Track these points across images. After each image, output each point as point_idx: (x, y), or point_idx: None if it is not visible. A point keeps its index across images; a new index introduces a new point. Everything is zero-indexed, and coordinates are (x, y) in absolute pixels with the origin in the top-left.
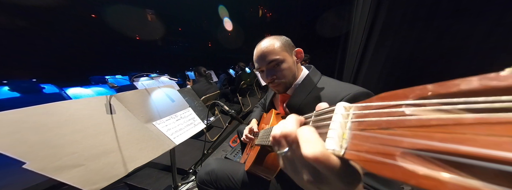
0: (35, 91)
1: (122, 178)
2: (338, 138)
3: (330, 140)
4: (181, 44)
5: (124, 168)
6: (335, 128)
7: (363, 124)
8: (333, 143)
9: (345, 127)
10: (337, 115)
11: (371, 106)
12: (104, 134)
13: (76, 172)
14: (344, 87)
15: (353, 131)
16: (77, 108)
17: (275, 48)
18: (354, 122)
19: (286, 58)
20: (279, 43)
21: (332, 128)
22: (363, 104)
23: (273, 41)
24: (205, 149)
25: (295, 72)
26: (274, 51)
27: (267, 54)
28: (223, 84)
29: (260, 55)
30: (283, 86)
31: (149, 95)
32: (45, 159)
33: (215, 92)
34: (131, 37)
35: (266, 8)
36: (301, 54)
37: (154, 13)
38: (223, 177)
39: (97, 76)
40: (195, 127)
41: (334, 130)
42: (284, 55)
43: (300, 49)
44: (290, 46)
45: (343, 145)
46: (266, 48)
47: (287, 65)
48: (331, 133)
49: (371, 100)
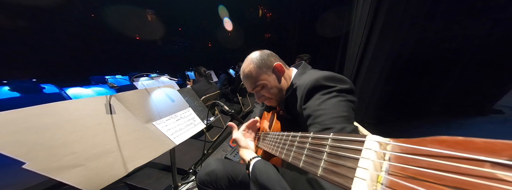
0: (35, 91)
1: (122, 178)
2: (371, 181)
3: (360, 182)
4: (181, 44)
5: (124, 168)
6: (368, 167)
7: (410, 171)
8: (365, 186)
9: (380, 169)
10: (370, 152)
11: (424, 151)
12: (104, 134)
13: (76, 172)
14: (312, 74)
15: (393, 177)
16: (77, 108)
17: (252, 75)
18: (394, 165)
19: (266, 80)
20: (254, 67)
21: (362, 167)
22: (408, 144)
23: (249, 67)
24: (205, 149)
25: (282, 87)
26: (252, 78)
27: (247, 82)
28: (223, 84)
29: (244, 81)
30: (275, 102)
31: (149, 95)
32: (45, 159)
33: (215, 92)
34: (131, 37)
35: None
36: (281, 68)
37: (154, 13)
38: (223, 177)
39: (97, 76)
40: (195, 127)
41: (366, 170)
42: (263, 78)
43: (278, 64)
44: (266, 65)
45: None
46: (245, 76)
47: (270, 86)
48: (361, 172)
49: (423, 142)
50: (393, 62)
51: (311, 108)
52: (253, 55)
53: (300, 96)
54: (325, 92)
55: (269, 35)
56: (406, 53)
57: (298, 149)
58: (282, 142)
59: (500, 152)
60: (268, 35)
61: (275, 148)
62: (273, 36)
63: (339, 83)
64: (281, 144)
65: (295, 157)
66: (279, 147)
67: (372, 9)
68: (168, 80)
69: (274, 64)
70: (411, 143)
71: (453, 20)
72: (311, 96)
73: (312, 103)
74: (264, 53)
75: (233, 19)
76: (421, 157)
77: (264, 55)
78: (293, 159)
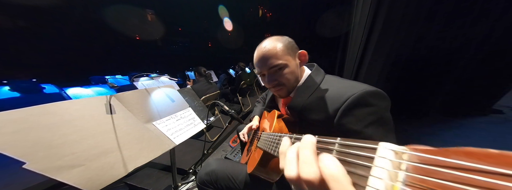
0: (35, 91)
1: (122, 178)
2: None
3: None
4: (181, 44)
5: (124, 168)
6: (382, 177)
7: (431, 184)
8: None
9: (396, 179)
10: (384, 161)
11: (447, 162)
12: (104, 134)
13: (76, 172)
14: (348, 86)
15: (411, 188)
16: (77, 108)
17: (277, 52)
18: (411, 176)
19: (289, 63)
20: (282, 46)
21: (376, 176)
22: (430, 155)
23: (275, 44)
24: (205, 149)
25: (298, 76)
26: (276, 56)
27: (268, 58)
28: (223, 84)
29: (261, 58)
30: (285, 91)
31: (149, 95)
32: (45, 159)
33: (215, 92)
34: (131, 37)
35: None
36: (305, 56)
37: (154, 13)
38: (223, 177)
39: (97, 76)
40: (195, 127)
41: (379, 180)
42: (287, 59)
43: (304, 51)
44: (293, 48)
45: None
46: (268, 52)
47: (290, 70)
48: (375, 182)
49: (446, 153)
50: (393, 62)
51: (353, 127)
52: (278, 36)
53: (335, 107)
54: (370, 111)
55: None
56: (406, 53)
57: None
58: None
59: None
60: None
61: (277, 150)
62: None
63: (383, 100)
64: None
65: None
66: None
67: (372, 9)
68: (168, 80)
69: (299, 50)
70: (432, 153)
71: (453, 20)
72: (352, 111)
73: (354, 120)
74: (289, 38)
75: (233, 19)
76: (444, 169)
77: (291, 40)
78: None
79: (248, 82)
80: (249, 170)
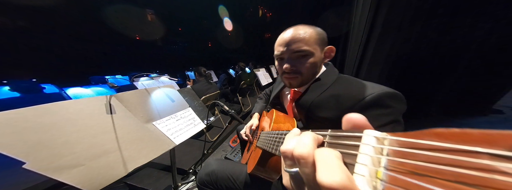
0: (35, 91)
1: (122, 178)
2: (371, 177)
3: (359, 178)
4: (181, 44)
5: (124, 168)
6: (366, 163)
7: (409, 166)
8: (364, 183)
9: (379, 164)
10: (367, 147)
11: (421, 144)
12: (104, 134)
13: (76, 172)
14: (366, 85)
15: (392, 172)
16: (77, 108)
17: (309, 38)
18: (392, 159)
19: (316, 53)
20: (315, 34)
21: (361, 162)
22: (405, 138)
23: (309, 30)
24: (205, 149)
25: (317, 70)
26: (306, 41)
27: (296, 41)
28: (223, 84)
29: (288, 40)
30: (299, 82)
31: (149, 95)
32: (45, 159)
33: (215, 92)
34: (131, 37)
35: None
36: (332, 53)
37: (154, 13)
38: (223, 178)
39: (97, 76)
40: (195, 127)
41: (363, 166)
42: (315, 48)
43: (333, 47)
44: (324, 41)
45: (378, 186)
46: (299, 35)
47: (313, 61)
48: (360, 168)
49: (420, 135)
50: (393, 62)
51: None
52: (313, 26)
53: (349, 106)
54: (386, 113)
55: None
56: (406, 53)
57: None
58: (281, 141)
59: (498, 142)
60: (268, 35)
61: (274, 147)
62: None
63: (400, 103)
64: (281, 142)
65: None
66: (278, 145)
67: (372, 9)
68: (168, 80)
69: (329, 46)
70: (408, 136)
71: (453, 20)
72: (368, 111)
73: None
74: (322, 30)
75: (233, 19)
76: (418, 150)
77: (324, 32)
78: None
79: (248, 82)
80: (249, 170)
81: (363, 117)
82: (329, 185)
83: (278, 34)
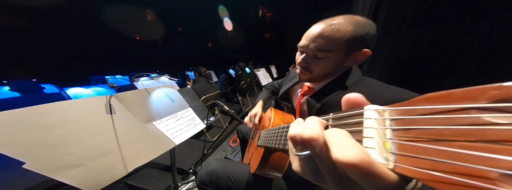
0: (35, 91)
1: (122, 178)
2: (380, 149)
3: (371, 151)
4: (181, 44)
5: (124, 168)
6: (373, 136)
7: (412, 133)
8: (376, 154)
9: (384, 136)
10: (371, 121)
11: (416, 110)
12: (104, 134)
13: (76, 172)
14: (388, 89)
15: (399, 141)
16: (77, 108)
17: (334, 35)
18: (396, 129)
19: (334, 54)
20: (349, 31)
21: (368, 136)
22: (403, 107)
23: (342, 26)
24: (205, 149)
25: (331, 73)
26: (327, 38)
27: (314, 37)
28: (223, 84)
29: (314, 35)
30: (307, 78)
31: (149, 95)
32: (45, 159)
33: (215, 92)
34: (131, 37)
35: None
36: (362, 57)
37: (154, 13)
38: (223, 177)
39: (97, 76)
40: (195, 127)
41: (371, 139)
42: (336, 48)
43: (367, 51)
44: (359, 41)
45: (389, 157)
46: (323, 30)
47: (328, 63)
48: (368, 142)
49: (413, 102)
50: (393, 62)
51: None
52: (361, 18)
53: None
54: None
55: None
56: (406, 53)
57: None
58: (284, 133)
59: (478, 97)
60: (268, 35)
61: (277, 141)
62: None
63: None
64: (284, 135)
65: None
66: (282, 138)
67: (372, 9)
68: (168, 80)
69: (364, 49)
70: (403, 105)
71: (453, 20)
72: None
73: None
74: (374, 28)
75: (233, 19)
76: (416, 116)
77: (372, 30)
78: None
79: (248, 82)
80: (252, 170)
81: (361, 95)
82: (348, 160)
83: (278, 34)
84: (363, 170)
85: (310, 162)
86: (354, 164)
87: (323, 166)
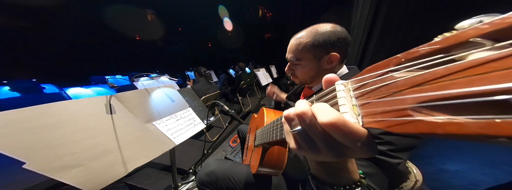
0: (35, 91)
1: (122, 178)
2: (351, 111)
3: (345, 114)
4: (181, 44)
5: (124, 168)
6: (344, 103)
7: (366, 95)
8: (349, 116)
9: (351, 101)
10: (341, 92)
11: (364, 78)
12: (104, 134)
13: (76, 172)
14: None
15: (360, 102)
16: (77, 108)
17: (298, 47)
18: (356, 94)
19: (305, 61)
20: (309, 42)
21: (341, 104)
22: (357, 77)
23: (302, 39)
24: (205, 149)
25: (314, 75)
26: (295, 50)
27: (289, 50)
28: (223, 84)
29: (288, 47)
30: (298, 82)
31: (149, 95)
32: (45, 159)
33: (215, 92)
34: (131, 37)
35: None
36: (333, 58)
37: (154, 13)
38: (223, 178)
39: (97, 76)
40: (195, 127)
41: (344, 105)
42: (304, 57)
43: (335, 55)
44: (322, 47)
45: (358, 117)
46: (291, 44)
47: (303, 68)
48: (343, 108)
49: (362, 73)
50: None
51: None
52: (322, 28)
53: None
54: None
55: (269, 35)
56: None
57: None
58: (280, 124)
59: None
60: (268, 35)
61: (275, 133)
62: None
63: None
64: (280, 125)
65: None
66: (278, 129)
67: (372, 9)
68: (168, 80)
69: (331, 52)
70: (356, 76)
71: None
72: None
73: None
74: (337, 33)
75: (233, 19)
76: (365, 81)
77: (333, 36)
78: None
79: (248, 82)
80: (253, 170)
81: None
82: (328, 121)
83: (278, 34)
84: (341, 128)
85: (304, 135)
86: (333, 123)
87: (314, 134)
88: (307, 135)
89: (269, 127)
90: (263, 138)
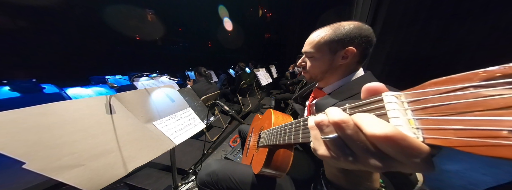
0: (35, 91)
1: (122, 178)
2: (407, 126)
3: (400, 129)
4: (181, 44)
5: (124, 168)
6: (398, 116)
7: (430, 110)
8: (407, 131)
9: (406, 114)
10: (392, 104)
11: (428, 92)
12: (104, 134)
13: (76, 172)
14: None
15: (419, 116)
16: (77, 108)
17: (315, 39)
18: (414, 109)
19: (319, 53)
20: (327, 34)
21: (393, 116)
22: (415, 91)
23: (323, 33)
24: (205, 149)
25: (326, 70)
26: (311, 42)
27: (306, 43)
28: (223, 84)
29: (307, 40)
30: (308, 77)
31: (149, 95)
32: (45, 159)
33: (215, 92)
34: (131, 37)
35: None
36: (348, 53)
37: (154, 13)
38: (224, 178)
39: (97, 76)
40: (195, 127)
41: (397, 118)
42: (320, 49)
43: (351, 48)
44: (340, 41)
45: (416, 132)
46: (310, 38)
47: (316, 62)
48: (395, 121)
49: (423, 86)
50: (393, 62)
51: None
52: (346, 23)
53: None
54: None
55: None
56: (406, 53)
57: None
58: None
59: (473, 78)
60: (268, 35)
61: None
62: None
63: None
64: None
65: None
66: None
67: (372, 9)
68: (168, 80)
69: (348, 47)
70: (415, 89)
71: (453, 20)
72: None
73: None
74: (360, 30)
75: (233, 19)
76: (428, 96)
77: (354, 32)
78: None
79: (248, 83)
80: (255, 171)
81: (381, 84)
82: (384, 134)
83: (278, 34)
84: (399, 142)
85: (339, 143)
86: (390, 136)
87: (355, 144)
88: (344, 143)
89: (279, 130)
90: (270, 140)
